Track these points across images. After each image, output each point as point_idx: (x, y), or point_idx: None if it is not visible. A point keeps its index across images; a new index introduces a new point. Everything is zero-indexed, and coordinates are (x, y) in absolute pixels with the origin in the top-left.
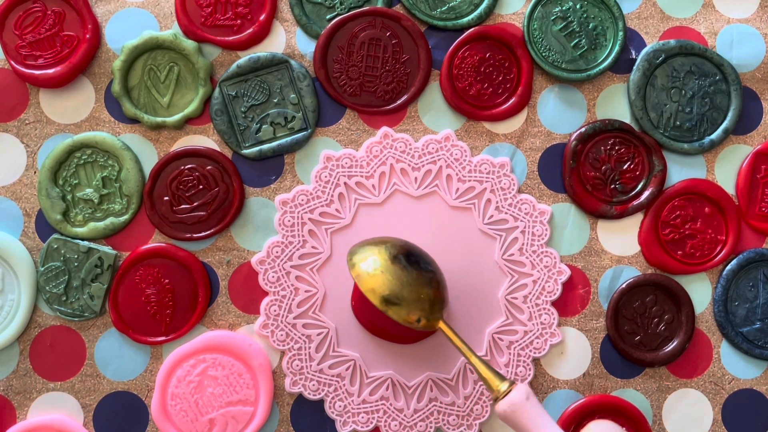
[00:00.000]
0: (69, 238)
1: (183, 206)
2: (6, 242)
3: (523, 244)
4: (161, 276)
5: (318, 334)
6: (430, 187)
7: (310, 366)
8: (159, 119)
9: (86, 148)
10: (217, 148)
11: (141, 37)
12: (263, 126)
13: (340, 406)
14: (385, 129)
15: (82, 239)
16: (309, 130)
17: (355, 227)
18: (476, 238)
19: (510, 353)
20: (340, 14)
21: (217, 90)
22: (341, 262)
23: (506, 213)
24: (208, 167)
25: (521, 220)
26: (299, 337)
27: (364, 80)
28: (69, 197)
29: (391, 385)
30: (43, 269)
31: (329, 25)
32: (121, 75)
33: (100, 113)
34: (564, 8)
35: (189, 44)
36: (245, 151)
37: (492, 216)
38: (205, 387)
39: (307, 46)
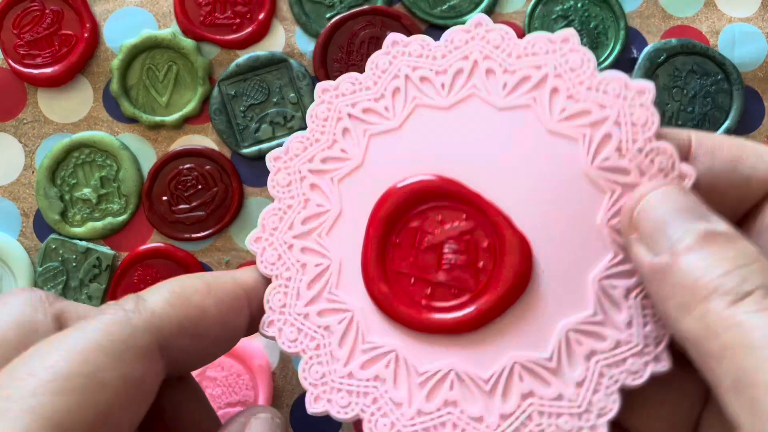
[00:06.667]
0: (67, 238)
1: (182, 206)
2: (4, 242)
3: None
4: (160, 276)
5: (339, 322)
6: (466, 89)
7: (335, 370)
8: (157, 118)
9: (84, 147)
10: (216, 148)
11: (139, 36)
12: (262, 125)
13: (385, 426)
14: (393, 36)
15: (81, 239)
16: None
17: (368, 167)
18: (576, 184)
19: (588, 368)
20: (340, 13)
21: (216, 89)
22: (356, 218)
23: (631, 161)
24: (207, 167)
25: (650, 179)
26: (315, 331)
27: None
28: (67, 197)
29: (455, 381)
30: (41, 269)
31: (329, 24)
32: (119, 74)
33: (99, 113)
34: (565, 7)
35: (188, 43)
36: (244, 151)
37: (608, 159)
38: (204, 388)
39: (306, 45)
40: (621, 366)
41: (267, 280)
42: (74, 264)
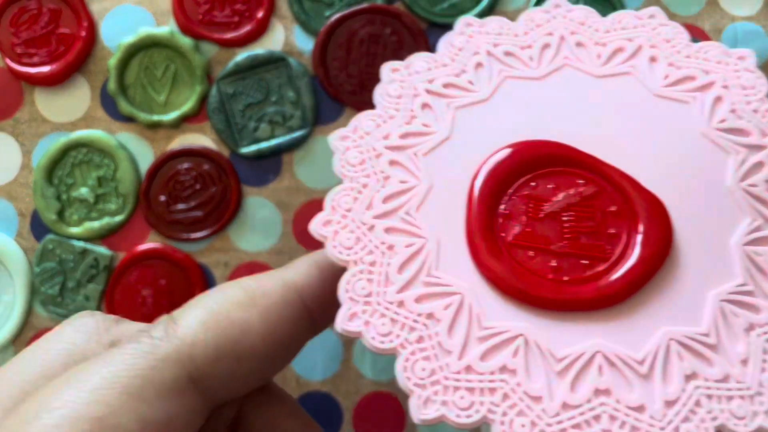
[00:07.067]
0: (64, 239)
1: (180, 206)
2: (1, 243)
3: None
4: (158, 277)
5: (445, 307)
6: (558, 60)
7: (447, 365)
8: (155, 118)
9: (82, 147)
10: (215, 147)
11: (137, 35)
12: (261, 124)
13: (524, 427)
14: (466, 19)
15: (78, 239)
16: (307, 129)
17: (457, 139)
18: (697, 144)
19: (749, 343)
20: (340, 11)
21: (214, 88)
22: (450, 191)
23: (749, 122)
24: (205, 166)
25: None
26: (415, 321)
27: (364, 78)
28: (64, 197)
29: (604, 365)
30: (38, 270)
31: (328, 22)
32: (117, 73)
33: (96, 112)
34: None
35: (186, 42)
36: (243, 150)
37: (725, 120)
38: None
39: (305, 44)
40: None
41: (327, 271)
42: (72, 264)
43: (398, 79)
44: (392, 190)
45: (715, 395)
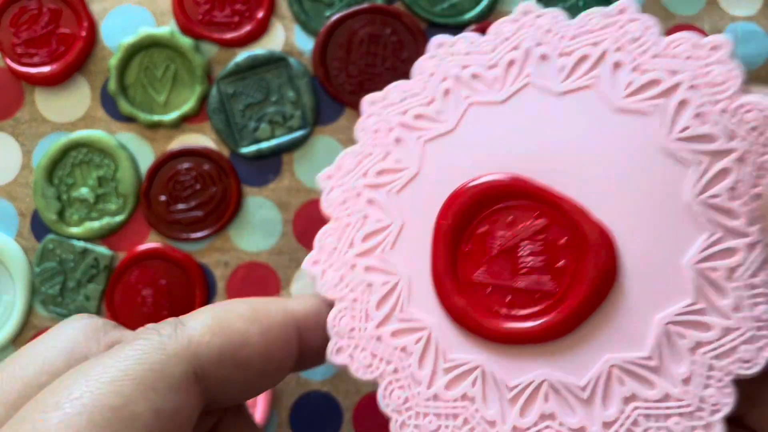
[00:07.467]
0: (65, 239)
1: (180, 206)
2: (1, 243)
3: (738, 182)
4: (158, 277)
5: (416, 342)
6: (521, 80)
7: (418, 393)
8: (155, 118)
9: (82, 147)
10: (215, 147)
11: (138, 35)
12: (261, 124)
13: None
14: (437, 39)
15: (78, 239)
16: (308, 129)
17: (426, 175)
18: (655, 160)
19: (693, 362)
20: (340, 11)
21: (214, 88)
22: (420, 229)
23: (715, 125)
24: (206, 166)
25: (741, 141)
26: (391, 354)
27: (364, 78)
28: (65, 197)
29: (550, 392)
30: (38, 270)
31: (328, 22)
32: (117, 73)
33: (96, 112)
34: (567, 5)
35: (186, 42)
36: (243, 150)
37: (688, 128)
38: None
39: (305, 44)
40: (732, 355)
41: (323, 309)
42: (72, 264)
43: (375, 112)
44: (370, 229)
45: (654, 414)
